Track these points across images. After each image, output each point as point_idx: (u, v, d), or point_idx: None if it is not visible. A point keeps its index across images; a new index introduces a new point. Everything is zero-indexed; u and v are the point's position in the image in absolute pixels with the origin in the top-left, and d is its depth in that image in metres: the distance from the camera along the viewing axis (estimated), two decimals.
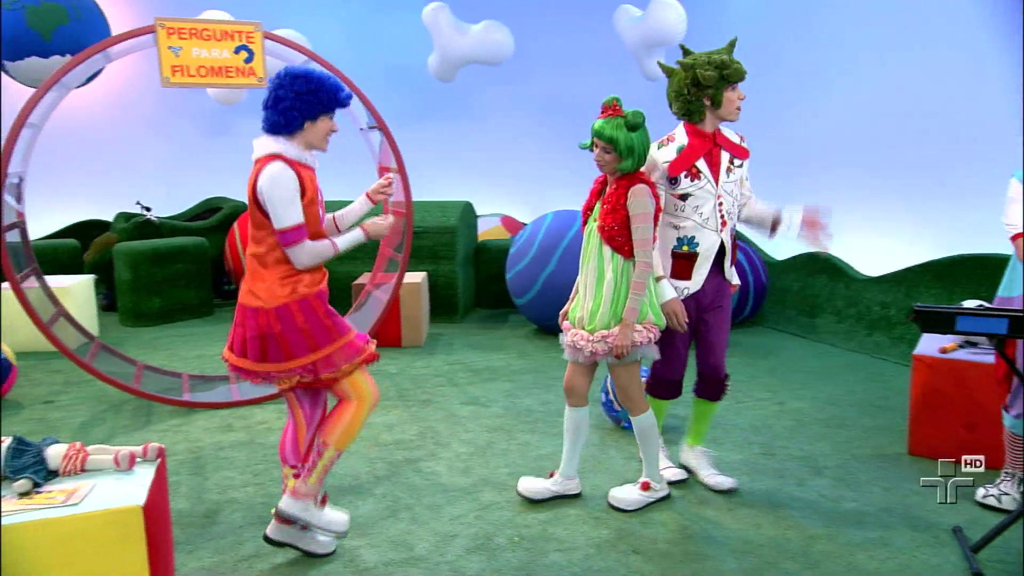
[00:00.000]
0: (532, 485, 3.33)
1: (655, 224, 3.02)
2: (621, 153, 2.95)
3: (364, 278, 6.12)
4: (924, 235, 5.61)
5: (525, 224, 7.80)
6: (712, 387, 3.42)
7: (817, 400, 4.72)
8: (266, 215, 2.57)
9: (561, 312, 3.27)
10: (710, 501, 3.31)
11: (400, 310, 5.98)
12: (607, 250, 3.02)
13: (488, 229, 8.34)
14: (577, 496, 3.36)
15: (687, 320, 3.18)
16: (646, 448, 3.25)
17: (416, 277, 6.31)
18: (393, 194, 3.03)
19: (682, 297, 3.20)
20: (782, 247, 7.02)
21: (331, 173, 9.53)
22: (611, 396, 4.11)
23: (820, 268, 6.45)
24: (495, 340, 6.37)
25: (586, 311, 3.08)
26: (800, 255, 6.71)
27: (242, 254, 7.30)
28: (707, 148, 3.16)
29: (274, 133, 2.61)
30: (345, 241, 2.69)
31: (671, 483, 3.43)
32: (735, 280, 3.37)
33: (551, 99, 8.38)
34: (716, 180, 3.16)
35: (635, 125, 2.94)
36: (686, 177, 3.14)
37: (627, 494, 3.24)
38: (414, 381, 5.18)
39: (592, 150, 3.04)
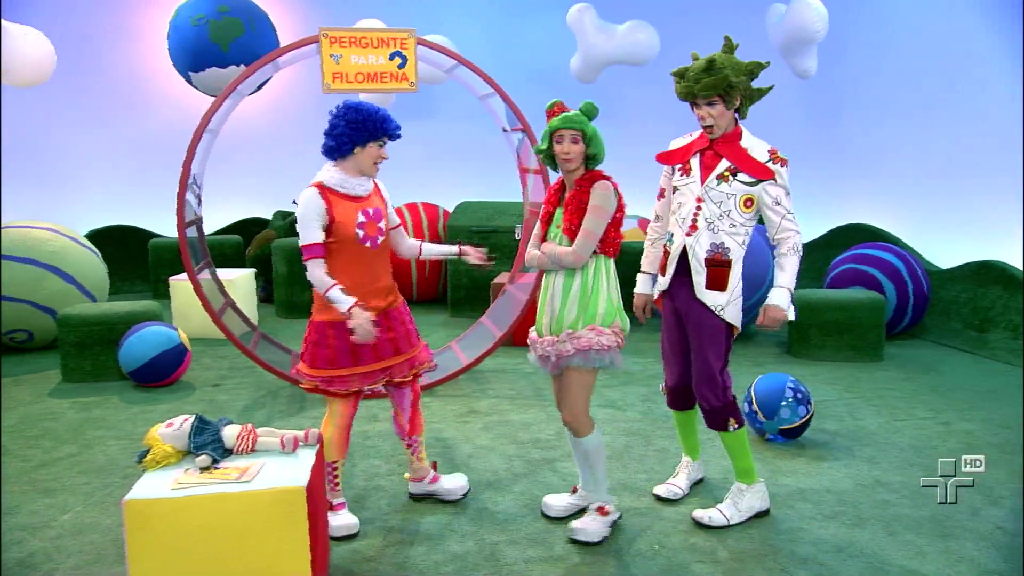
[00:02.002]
0: (555, 501, 3.21)
1: (615, 227, 2.90)
2: (588, 139, 2.86)
3: (502, 277, 6.22)
4: None
5: None
6: (703, 411, 3.14)
7: (990, 422, 4.31)
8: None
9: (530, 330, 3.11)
10: (867, 522, 3.10)
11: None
12: None
13: (625, 231, 8.23)
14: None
15: (648, 315, 3.32)
16: (595, 470, 2.99)
17: None
18: (481, 264, 3.24)
19: (659, 293, 3.21)
20: (947, 254, 6.47)
21: (474, 174, 9.68)
22: (754, 407, 3.95)
23: (993, 278, 5.89)
24: (631, 344, 6.12)
25: (552, 317, 2.92)
26: (969, 263, 6.15)
27: None
28: (700, 148, 3.07)
29: (329, 157, 2.88)
30: (334, 295, 2.79)
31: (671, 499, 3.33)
32: (721, 308, 3.00)
33: None
34: (702, 181, 3.02)
35: (591, 112, 2.88)
36: (679, 170, 3.11)
37: (589, 524, 2.96)
38: (549, 381, 5.19)
39: (546, 155, 2.90)
